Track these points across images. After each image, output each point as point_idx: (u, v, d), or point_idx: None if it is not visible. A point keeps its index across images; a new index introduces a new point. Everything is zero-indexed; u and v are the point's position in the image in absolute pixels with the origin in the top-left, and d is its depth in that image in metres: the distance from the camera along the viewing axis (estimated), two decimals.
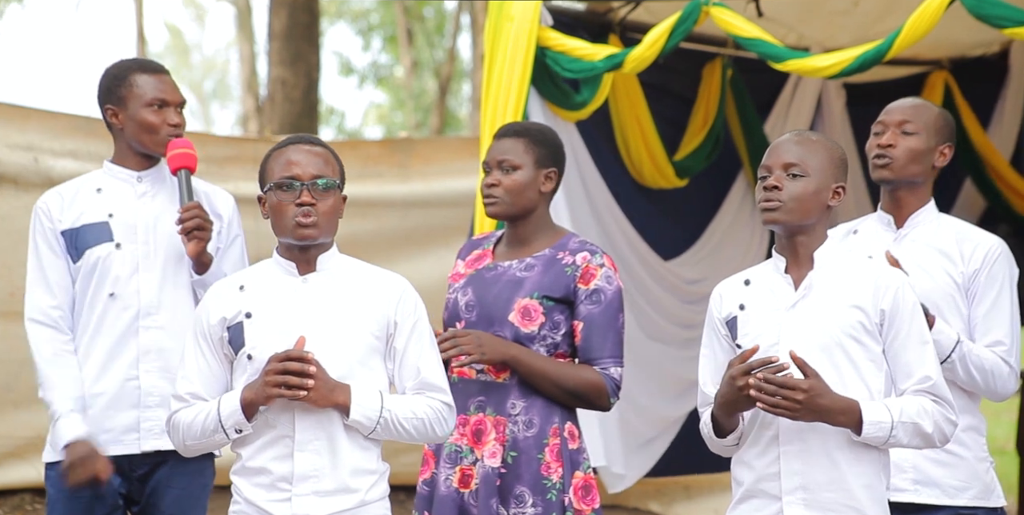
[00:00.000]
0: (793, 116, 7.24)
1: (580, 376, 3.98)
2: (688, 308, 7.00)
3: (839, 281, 3.44)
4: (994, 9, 4.81)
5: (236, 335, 3.49)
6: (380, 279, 3.58)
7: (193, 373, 3.53)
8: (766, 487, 3.43)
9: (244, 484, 3.48)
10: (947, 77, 7.39)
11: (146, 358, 4.16)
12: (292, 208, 3.47)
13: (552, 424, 3.98)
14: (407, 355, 3.53)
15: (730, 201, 7.21)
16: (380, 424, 3.45)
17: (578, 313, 4.00)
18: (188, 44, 34.90)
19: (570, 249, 4.05)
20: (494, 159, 4.08)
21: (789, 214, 3.43)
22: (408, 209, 7.61)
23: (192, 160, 4.18)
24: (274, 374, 3.36)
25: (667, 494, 7.71)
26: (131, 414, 4.16)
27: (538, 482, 3.94)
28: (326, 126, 27.02)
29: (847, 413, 3.33)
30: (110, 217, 4.20)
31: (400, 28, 24.43)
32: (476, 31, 18.97)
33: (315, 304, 3.49)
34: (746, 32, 5.33)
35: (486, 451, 3.94)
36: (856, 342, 3.40)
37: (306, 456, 3.43)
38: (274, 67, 12.40)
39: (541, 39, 5.73)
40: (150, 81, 4.24)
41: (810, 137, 3.52)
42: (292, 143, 3.57)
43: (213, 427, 3.45)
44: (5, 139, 6.87)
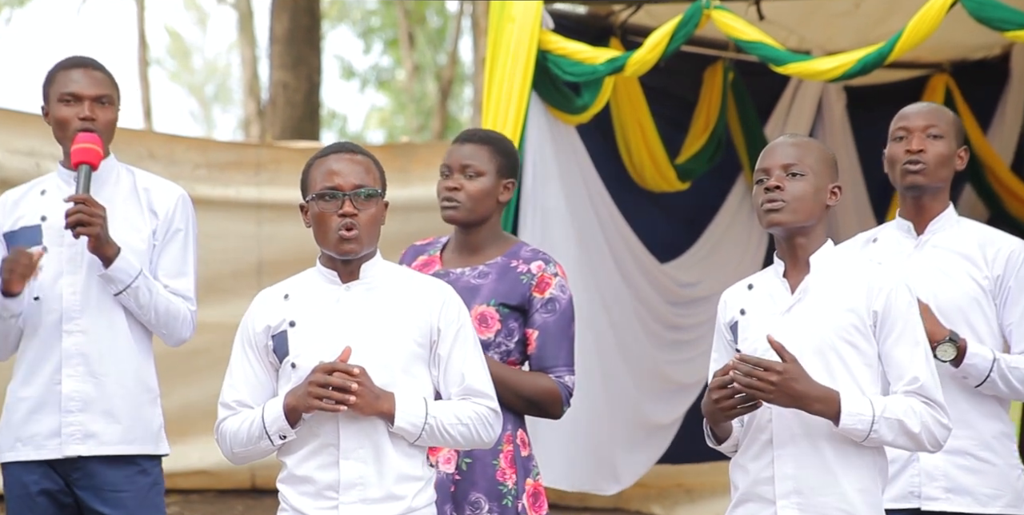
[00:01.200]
0: (794, 119, 7.25)
1: (536, 383, 3.98)
2: (677, 312, 7.00)
3: (834, 284, 3.45)
4: (995, 12, 4.81)
5: (280, 344, 3.49)
6: (423, 286, 3.57)
7: (240, 381, 3.53)
8: (761, 491, 3.43)
9: (291, 492, 3.48)
10: (948, 80, 7.39)
11: (69, 363, 4.11)
12: (335, 219, 3.46)
13: (505, 431, 3.97)
14: (451, 361, 3.51)
15: (729, 204, 7.21)
16: (425, 431, 3.44)
17: (533, 321, 4.00)
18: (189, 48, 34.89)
19: (523, 257, 4.04)
20: (457, 163, 4.06)
21: (793, 214, 3.43)
22: (409, 213, 7.61)
23: (94, 155, 4.07)
24: (317, 386, 3.35)
25: (669, 497, 7.71)
26: (53, 419, 4.11)
27: (494, 488, 3.93)
28: (328, 130, 27.02)
29: (825, 401, 3.32)
30: (43, 220, 4.16)
31: (402, 31, 24.45)
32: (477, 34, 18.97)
33: (358, 312, 3.49)
34: (747, 35, 5.33)
35: (440, 457, 3.93)
36: (849, 345, 3.40)
37: (351, 464, 3.42)
38: (276, 71, 12.41)
39: (542, 42, 5.73)
40: (67, 75, 4.17)
41: (802, 138, 3.55)
42: (333, 152, 3.55)
43: (258, 434, 3.45)
44: (7, 144, 6.87)
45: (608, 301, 6.60)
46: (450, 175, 4.07)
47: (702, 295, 7.06)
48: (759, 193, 3.48)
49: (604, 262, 6.55)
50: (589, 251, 6.43)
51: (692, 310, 7.07)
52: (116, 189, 4.23)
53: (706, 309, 7.07)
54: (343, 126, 29.65)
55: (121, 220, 4.17)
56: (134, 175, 4.29)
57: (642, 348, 6.81)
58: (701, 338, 7.06)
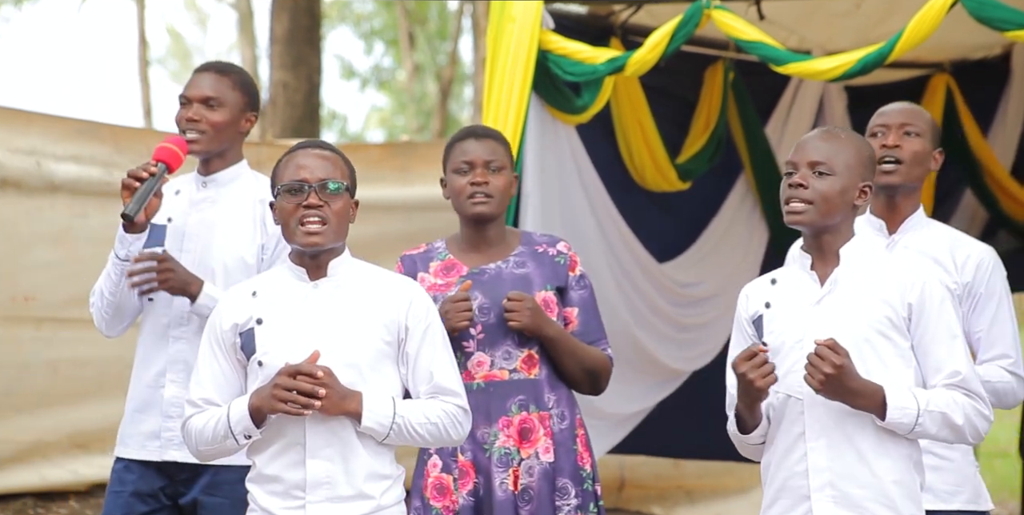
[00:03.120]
0: (794, 119, 7.24)
1: (596, 355, 4.09)
2: (680, 311, 6.99)
3: (865, 276, 3.40)
4: (995, 12, 4.81)
5: (248, 341, 3.48)
6: (391, 284, 3.57)
7: (207, 379, 3.53)
8: (794, 485, 3.38)
9: (259, 492, 3.47)
10: (948, 80, 7.39)
11: (173, 368, 4.15)
12: (300, 211, 3.47)
13: (577, 415, 4.06)
14: (420, 359, 3.51)
15: (729, 204, 7.21)
16: (393, 430, 3.44)
17: (570, 299, 4.09)
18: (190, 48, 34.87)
19: (542, 242, 4.14)
20: (480, 158, 4.09)
21: (814, 214, 3.38)
22: (410, 213, 7.60)
23: (172, 157, 4.08)
24: (282, 389, 3.35)
25: (669, 497, 7.71)
26: (155, 422, 4.16)
27: (576, 473, 3.99)
28: (328, 130, 27.02)
29: (871, 397, 3.29)
30: (168, 221, 4.20)
31: (402, 31, 24.44)
32: (478, 34, 18.97)
33: (325, 310, 3.49)
34: (747, 35, 5.33)
35: (539, 447, 3.97)
36: (884, 337, 3.36)
37: (318, 463, 3.42)
38: (276, 71, 12.41)
39: (543, 42, 5.73)
40: (190, 79, 4.26)
41: (838, 134, 3.46)
42: (301, 148, 3.58)
43: (224, 433, 3.44)
44: (7, 143, 6.86)
45: (609, 301, 6.59)
46: (472, 171, 4.07)
47: (704, 296, 7.06)
48: (784, 188, 3.43)
49: (604, 262, 6.54)
50: (589, 251, 6.42)
51: (695, 310, 7.05)
52: (238, 197, 4.23)
53: (708, 309, 7.06)
54: (343, 126, 29.65)
55: (233, 231, 4.18)
56: (259, 184, 4.26)
57: (643, 346, 6.80)
58: (705, 338, 7.05)
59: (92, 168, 6.86)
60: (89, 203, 6.86)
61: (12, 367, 6.87)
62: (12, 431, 6.94)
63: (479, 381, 4.01)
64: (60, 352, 6.86)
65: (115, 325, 4.19)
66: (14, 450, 7.00)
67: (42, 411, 6.94)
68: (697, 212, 7.11)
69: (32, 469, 7.00)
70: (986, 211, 7.46)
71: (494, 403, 3.97)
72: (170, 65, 34.25)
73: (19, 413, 6.90)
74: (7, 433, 6.94)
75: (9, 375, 6.88)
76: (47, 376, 6.94)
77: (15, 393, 6.90)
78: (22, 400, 6.90)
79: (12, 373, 6.88)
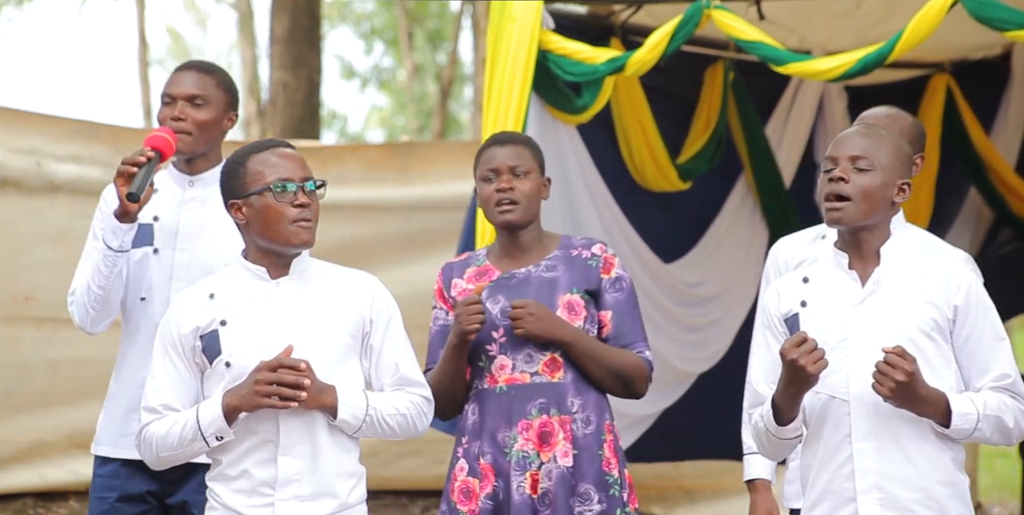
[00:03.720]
0: (795, 119, 7.24)
1: (626, 359, 4.02)
2: (687, 311, 6.99)
3: (909, 277, 3.36)
4: (995, 12, 4.81)
5: (211, 344, 3.46)
6: (352, 279, 3.58)
7: (164, 384, 3.49)
8: (839, 488, 3.33)
9: (223, 490, 3.46)
10: (949, 80, 7.39)
11: None
12: (290, 210, 3.45)
13: (606, 420, 4.01)
14: (384, 352, 3.53)
15: (730, 203, 7.20)
16: (366, 422, 3.45)
17: (604, 302, 4.03)
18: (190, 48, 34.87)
19: (579, 245, 4.09)
20: (505, 165, 4.05)
21: (855, 211, 3.33)
22: (410, 213, 7.60)
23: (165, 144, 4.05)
24: (265, 383, 3.33)
25: (669, 498, 7.71)
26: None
27: (601, 478, 3.95)
28: (328, 130, 27.02)
29: (936, 404, 3.25)
30: (155, 220, 4.18)
31: (402, 32, 24.44)
32: (478, 34, 18.97)
33: (290, 308, 3.48)
34: (747, 35, 5.33)
35: (558, 451, 3.94)
36: (928, 339, 3.32)
37: (290, 460, 3.41)
38: (276, 71, 12.41)
39: (543, 42, 5.73)
40: (170, 78, 4.26)
41: (878, 130, 3.43)
42: (269, 147, 3.54)
43: (192, 436, 3.42)
44: (7, 143, 6.87)
45: None
46: (497, 178, 4.05)
47: (709, 295, 7.06)
48: (823, 183, 3.37)
49: None
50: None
51: (701, 310, 7.05)
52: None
53: (713, 309, 7.07)
54: (343, 126, 29.65)
55: (228, 231, 4.17)
56: None
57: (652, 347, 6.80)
58: (712, 338, 7.05)
59: (92, 168, 6.86)
60: (89, 203, 6.79)
61: (12, 367, 6.87)
62: (12, 431, 6.94)
63: (501, 384, 3.99)
64: (60, 352, 6.86)
65: (100, 321, 4.15)
66: (14, 450, 7.01)
67: (42, 411, 6.94)
68: (698, 212, 7.11)
69: (32, 469, 7.01)
70: (991, 210, 7.46)
71: (515, 406, 3.96)
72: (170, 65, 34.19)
73: (19, 413, 6.91)
74: (7, 433, 6.95)
75: (9, 375, 6.88)
76: (47, 376, 6.94)
77: (15, 393, 6.91)
78: (22, 400, 6.90)
79: (12, 373, 6.88)
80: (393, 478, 7.55)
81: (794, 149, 7.27)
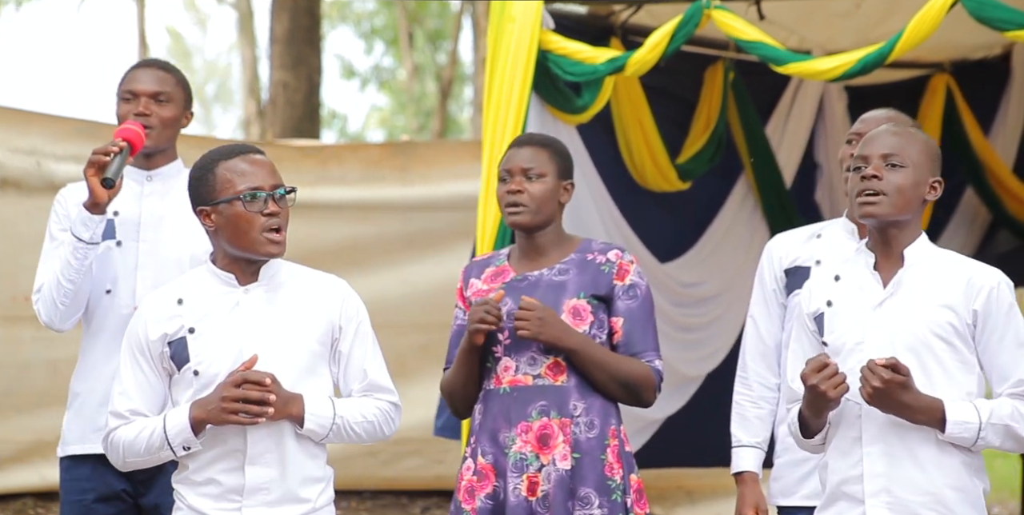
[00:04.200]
0: (795, 119, 7.24)
1: (633, 368, 4.00)
2: (682, 311, 6.98)
3: (930, 279, 3.34)
4: (995, 12, 4.81)
5: (179, 350, 3.44)
6: (321, 284, 3.55)
7: (132, 389, 3.48)
8: (849, 490, 3.34)
9: (189, 493, 3.46)
10: (948, 80, 7.39)
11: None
12: (260, 219, 3.42)
13: (610, 425, 3.99)
14: (352, 358, 3.52)
15: (730, 204, 7.20)
16: (333, 430, 3.45)
17: (616, 309, 4.02)
18: (190, 48, 34.87)
19: (597, 250, 4.07)
20: (518, 166, 4.05)
21: (890, 206, 3.32)
22: (410, 212, 7.60)
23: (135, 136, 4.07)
24: (232, 400, 3.32)
25: (669, 498, 7.71)
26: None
27: (603, 483, 3.93)
28: (328, 129, 27.00)
29: (927, 411, 3.24)
30: (115, 215, 4.18)
31: (402, 31, 24.43)
32: (478, 34, 18.97)
33: (259, 315, 3.46)
34: (747, 35, 5.33)
35: (556, 454, 3.93)
36: (945, 343, 3.30)
37: (258, 469, 3.41)
38: (276, 71, 12.41)
39: (543, 42, 5.73)
40: (129, 75, 4.26)
41: (908, 128, 3.43)
42: (239, 153, 3.50)
43: (159, 444, 3.41)
44: (7, 143, 6.87)
45: None
46: (510, 179, 4.05)
47: (706, 295, 7.05)
48: (855, 181, 3.36)
49: None
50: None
51: (697, 310, 7.05)
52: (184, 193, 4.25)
53: (711, 309, 7.06)
54: (343, 126, 29.62)
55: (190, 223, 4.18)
56: None
57: None
58: (710, 338, 7.05)
59: None
60: None
61: (12, 367, 6.87)
62: (12, 431, 6.94)
63: (505, 386, 3.99)
64: (60, 352, 6.86)
65: (69, 317, 4.15)
66: (14, 450, 7.01)
67: (42, 411, 6.94)
68: (698, 212, 7.11)
69: (32, 469, 7.01)
70: (988, 211, 7.46)
71: (515, 408, 3.95)
72: None
73: (19, 413, 6.91)
74: (7, 433, 6.95)
75: (9, 375, 6.88)
76: (47, 376, 6.94)
77: (15, 393, 6.91)
78: (22, 400, 6.90)
79: (12, 373, 6.88)
80: (393, 478, 7.55)
81: (794, 149, 7.28)
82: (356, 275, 7.19)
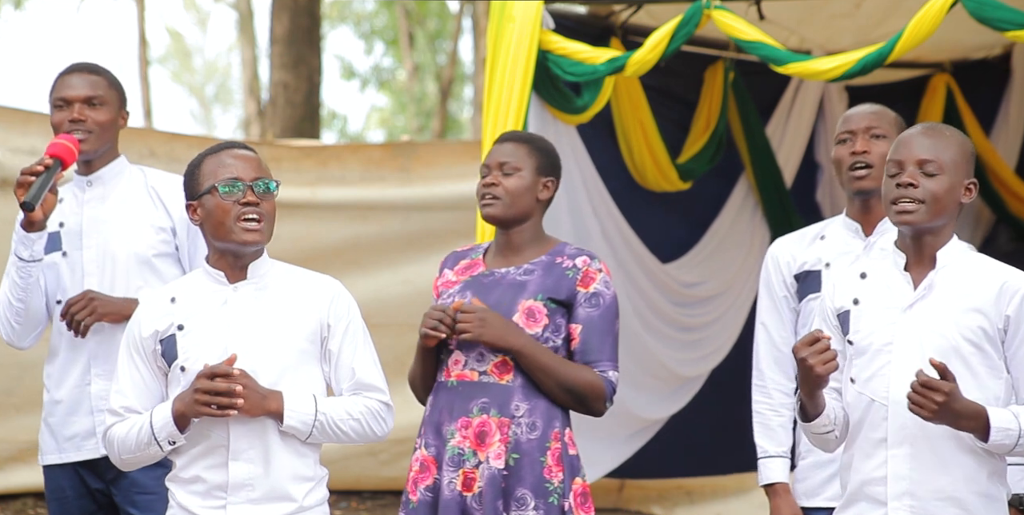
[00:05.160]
0: (795, 119, 7.24)
1: (582, 376, 3.97)
2: (683, 311, 6.98)
3: (961, 283, 3.31)
4: (996, 12, 4.81)
5: (169, 347, 3.48)
6: (311, 283, 3.57)
7: (127, 387, 3.51)
8: (871, 491, 3.31)
9: (179, 491, 3.48)
10: (949, 80, 7.39)
11: (95, 363, 4.16)
12: (236, 208, 3.44)
13: (554, 428, 3.98)
14: (341, 356, 3.53)
15: (731, 204, 7.21)
16: (316, 428, 3.45)
17: (576, 316, 4.00)
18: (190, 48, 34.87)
19: (568, 254, 4.06)
20: (495, 161, 4.09)
21: (926, 215, 3.28)
22: (410, 212, 7.60)
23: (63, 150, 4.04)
24: (203, 393, 3.34)
25: (669, 498, 7.70)
26: (87, 420, 4.18)
27: (540, 485, 3.93)
28: (328, 130, 27.02)
29: (975, 418, 3.20)
30: (60, 226, 4.20)
31: (402, 31, 24.45)
32: (478, 34, 18.98)
33: (246, 312, 3.48)
34: (747, 35, 5.33)
35: (491, 453, 3.93)
36: (975, 347, 3.27)
37: (240, 465, 3.43)
38: (276, 71, 12.41)
39: (543, 42, 5.73)
40: (59, 82, 4.23)
41: (942, 131, 3.37)
42: (224, 149, 3.55)
43: (147, 440, 3.44)
44: (7, 143, 6.87)
45: None
46: (488, 173, 4.09)
47: (706, 295, 7.06)
48: (890, 187, 3.32)
49: (607, 262, 6.54)
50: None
51: (698, 310, 7.05)
52: (128, 190, 4.24)
53: (711, 309, 7.07)
54: (343, 126, 29.64)
55: (132, 223, 4.19)
56: (145, 175, 4.30)
57: (647, 347, 6.80)
58: (710, 337, 7.05)
59: None
60: None
61: (12, 367, 6.87)
62: (12, 431, 6.94)
63: (453, 379, 4.01)
64: None
65: (26, 334, 4.18)
66: (14, 450, 7.01)
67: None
68: (699, 212, 7.11)
69: (32, 469, 6.99)
70: (990, 210, 7.46)
71: (458, 402, 3.96)
72: (170, 65, 34.23)
73: (19, 413, 6.91)
74: (7, 433, 6.95)
75: (9, 375, 6.88)
76: None
77: (15, 393, 6.91)
78: (22, 400, 6.90)
79: (12, 373, 6.88)
80: (393, 478, 7.53)
81: (794, 149, 7.28)
82: (356, 275, 7.21)
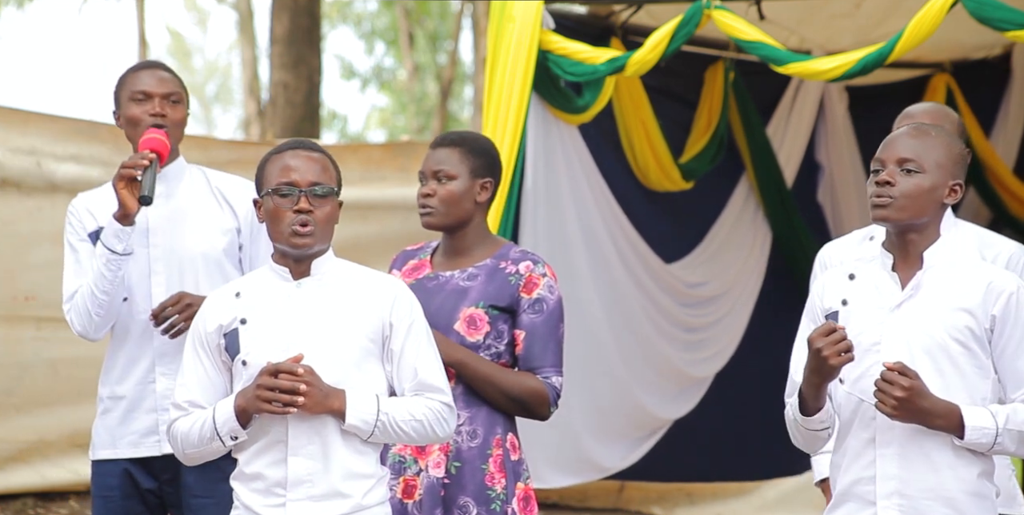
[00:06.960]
0: (795, 119, 7.25)
1: (524, 383, 3.95)
2: (688, 311, 6.98)
3: (949, 283, 3.31)
4: (996, 12, 4.82)
5: (232, 342, 3.48)
6: (374, 282, 3.57)
7: (192, 381, 3.53)
8: (860, 491, 3.31)
9: (241, 489, 3.48)
10: (949, 80, 7.39)
11: (161, 361, 4.17)
12: (289, 215, 3.46)
13: (495, 435, 3.95)
14: (404, 356, 3.51)
15: (733, 204, 7.21)
16: (378, 428, 3.44)
17: (520, 322, 3.96)
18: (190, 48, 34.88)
19: (511, 258, 4.01)
20: (429, 169, 4.05)
21: (900, 211, 3.29)
22: (410, 212, 7.55)
23: (159, 144, 4.10)
24: (264, 389, 3.35)
25: (669, 498, 7.71)
26: (150, 417, 4.18)
27: (482, 492, 3.90)
28: (328, 130, 27.01)
29: (946, 417, 3.21)
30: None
31: (402, 31, 24.45)
32: (478, 34, 18.98)
33: (309, 309, 3.49)
34: (748, 35, 5.33)
35: (431, 461, 3.91)
36: (962, 347, 3.27)
37: (299, 461, 3.42)
38: (276, 71, 12.41)
39: (543, 42, 5.73)
40: (136, 76, 4.26)
41: (929, 131, 3.37)
42: (290, 148, 3.56)
43: (210, 435, 3.45)
44: (7, 143, 6.87)
45: (613, 301, 6.59)
46: (425, 182, 4.06)
47: (710, 295, 7.06)
48: (871, 185, 3.34)
49: (609, 262, 6.55)
50: (593, 252, 6.43)
51: (703, 310, 7.05)
52: (192, 190, 4.25)
53: (715, 309, 7.07)
54: (343, 126, 29.63)
55: (200, 222, 4.20)
56: (204, 174, 4.32)
57: (653, 347, 6.80)
58: (715, 337, 7.05)
59: (92, 168, 6.86)
60: None
61: (12, 367, 6.87)
62: (12, 431, 6.94)
63: None
64: (60, 352, 6.86)
65: (103, 326, 4.18)
66: (14, 450, 7.00)
67: (42, 411, 6.94)
68: (700, 212, 7.12)
69: (32, 469, 7.00)
70: (989, 210, 7.46)
71: None
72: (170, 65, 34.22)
73: (19, 413, 6.91)
74: (7, 433, 6.94)
75: (9, 375, 6.88)
76: (47, 376, 6.94)
77: (15, 393, 6.91)
78: (22, 400, 6.90)
79: (12, 373, 6.88)
80: None
81: (795, 149, 7.28)
82: None
